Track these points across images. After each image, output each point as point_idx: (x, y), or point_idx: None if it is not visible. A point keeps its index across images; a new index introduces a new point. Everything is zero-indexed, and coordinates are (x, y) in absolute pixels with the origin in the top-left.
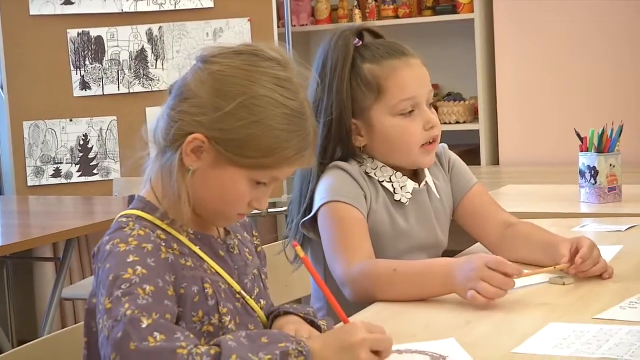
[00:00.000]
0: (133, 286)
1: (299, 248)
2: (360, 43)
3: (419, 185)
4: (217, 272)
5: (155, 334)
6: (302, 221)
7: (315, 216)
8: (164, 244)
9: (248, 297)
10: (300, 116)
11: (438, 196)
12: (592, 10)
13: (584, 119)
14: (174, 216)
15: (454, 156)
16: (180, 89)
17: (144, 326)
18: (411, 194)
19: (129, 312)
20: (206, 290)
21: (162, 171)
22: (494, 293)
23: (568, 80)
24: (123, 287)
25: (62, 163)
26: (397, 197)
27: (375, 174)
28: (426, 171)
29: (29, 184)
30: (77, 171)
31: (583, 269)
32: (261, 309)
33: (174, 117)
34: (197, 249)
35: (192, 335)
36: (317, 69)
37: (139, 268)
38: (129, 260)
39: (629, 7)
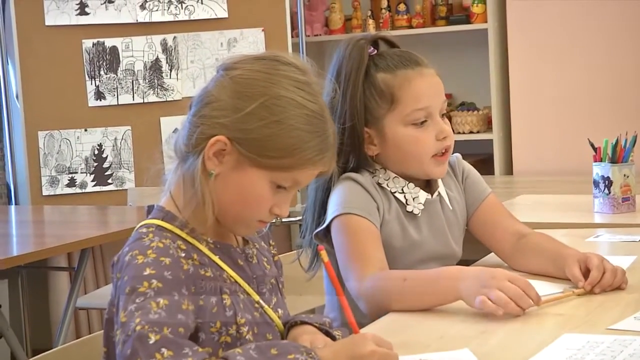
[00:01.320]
0: (147, 300)
1: (323, 252)
2: (375, 52)
3: (432, 196)
4: (236, 281)
5: (163, 350)
6: (315, 232)
7: (328, 227)
8: (183, 255)
9: (266, 307)
10: (320, 117)
11: (450, 207)
12: (606, 20)
13: (598, 128)
14: (195, 224)
15: (467, 166)
16: (201, 96)
17: (151, 342)
18: (423, 204)
19: (138, 328)
20: (224, 301)
21: (184, 178)
22: (505, 303)
23: (582, 89)
24: (137, 300)
25: (76, 173)
26: (409, 208)
27: (387, 185)
28: (439, 181)
29: (43, 194)
30: (92, 181)
31: (604, 284)
32: (279, 318)
33: (196, 123)
34: (216, 259)
35: (200, 349)
36: (331, 77)
37: (154, 281)
38: (145, 273)
39: None
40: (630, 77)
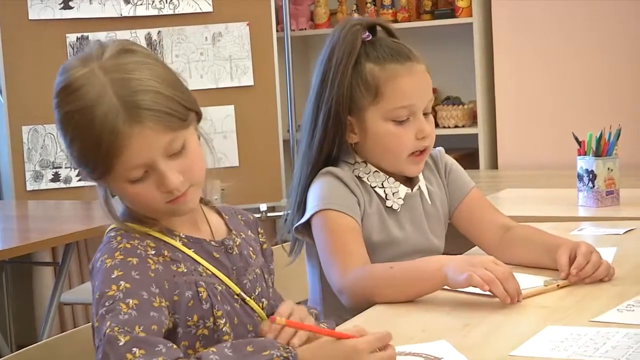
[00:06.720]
0: (116, 302)
1: (278, 319)
2: (370, 37)
3: (412, 190)
4: (213, 273)
5: (134, 349)
6: (295, 226)
7: (309, 221)
8: (153, 252)
9: (247, 298)
10: (82, 118)
11: (429, 202)
12: (590, 14)
13: (582, 122)
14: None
15: (450, 160)
16: None
17: (121, 344)
18: (403, 199)
19: (107, 331)
20: (200, 294)
21: None
22: (492, 280)
23: (566, 83)
24: (107, 304)
25: (61, 167)
26: (388, 204)
27: (367, 179)
28: (420, 175)
29: (27, 189)
30: (76, 175)
31: (583, 275)
32: (263, 308)
33: None
34: (191, 252)
35: (175, 346)
36: (322, 59)
37: (122, 283)
38: (113, 276)
39: (627, 11)
40: (615, 71)
